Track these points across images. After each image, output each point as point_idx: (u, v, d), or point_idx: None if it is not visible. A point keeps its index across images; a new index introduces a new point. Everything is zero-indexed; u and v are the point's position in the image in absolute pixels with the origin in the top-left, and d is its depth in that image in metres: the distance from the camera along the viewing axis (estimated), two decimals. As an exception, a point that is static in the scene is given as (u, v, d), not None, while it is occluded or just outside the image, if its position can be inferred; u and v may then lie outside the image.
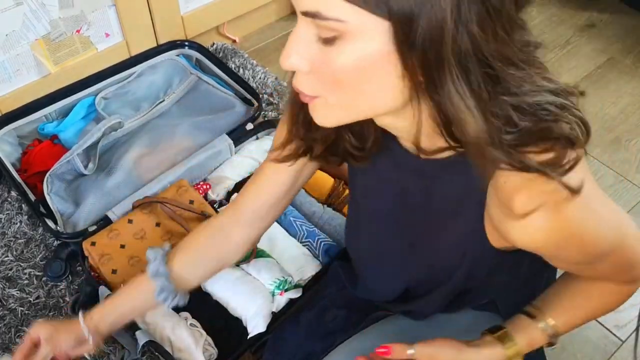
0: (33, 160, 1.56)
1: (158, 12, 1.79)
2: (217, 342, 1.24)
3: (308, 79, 0.58)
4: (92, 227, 1.41)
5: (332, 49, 0.54)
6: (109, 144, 1.60)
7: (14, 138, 1.62)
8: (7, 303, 1.38)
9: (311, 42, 0.55)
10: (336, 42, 0.54)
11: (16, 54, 1.60)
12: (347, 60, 0.54)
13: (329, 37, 0.53)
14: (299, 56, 0.57)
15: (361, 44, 0.53)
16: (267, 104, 1.84)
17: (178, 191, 1.44)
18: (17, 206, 1.55)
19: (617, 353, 1.36)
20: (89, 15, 1.66)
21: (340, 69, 0.55)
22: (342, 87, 0.57)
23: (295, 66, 0.58)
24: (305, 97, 0.61)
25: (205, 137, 1.59)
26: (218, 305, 1.29)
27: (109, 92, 1.69)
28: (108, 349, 1.31)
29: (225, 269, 0.99)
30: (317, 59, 0.56)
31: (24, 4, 1.53)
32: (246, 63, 1.95)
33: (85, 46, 1.71)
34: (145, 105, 1.70)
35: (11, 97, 1.64)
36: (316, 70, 0.57)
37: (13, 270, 1.43)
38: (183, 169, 1.51)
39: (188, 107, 1.71)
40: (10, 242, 1.48)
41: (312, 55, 0.56)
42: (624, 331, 1.39)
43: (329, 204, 1.46)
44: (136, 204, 1.43)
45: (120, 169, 1.51)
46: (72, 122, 1.64)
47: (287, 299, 1.26)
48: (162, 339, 1.21)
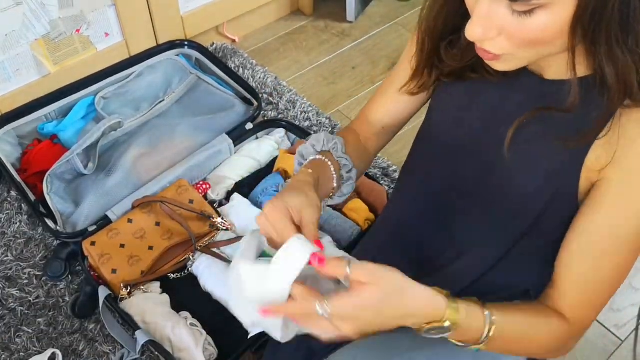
0: (33, 160, 1.56)
1: (158, 12, 1.79)
2: (217, 342, 1.24)
3: (496, 42, 0.67)
4: (92, 226, 1.41)
5: (529, 18, 0.62)
6: (109, 144, 1.60)
7: (14, 138, 1.62)
8: (7, 303, 1.38)
9: (504, 15, 0.63)
10: (535, 12, 0.61)
11: (16, 54, 1.60)
12: (544, 25, 0.62)
13: (527, 10, 0.61)
14: (487, 26, 0.65)
15: (558, 10, 0.61)
16: (267, 103, 1.84)
17: (178, 191, 1.44)
18: (17, 206, 1.55)
19: (617, 353, 1.36)
20: (88, 15, 1.66)
21: (537, 32, 0.63)
22: (534, 45, 0.66)
23: (484, 36, 0.66)
24: (489, 55, 0.69)
25: (205, 137, 1.59)
26: (218, 305, 1.29)
27: (109, 92, 1.69)
28: (108, 349, 1.31)
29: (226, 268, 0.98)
30: (511, 26, 0.64)
31: (23, 4, 1.53)
32: (246, 63, 1.95)
33: (84, 46, 1.71)
34: (144, 105, 1.70)
35: (11, 97, 1.64)
36: (509, 35, 0.65)
37: (13, 270, 1.43)
38: (183, 169, 1.51)
39: (188, 106, 1.71)
40: (10, 242, 1.48)
41: (504, 24, 0.64)
42: (624, 331, 1.39)
43: (328, 204, 1.46)
44: (136, 203, 1.43)
45: (120, 168, 1.51)
46: (71, 122, 1.64)
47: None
48: (162, 339, 1.21)
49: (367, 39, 2.12)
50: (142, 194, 1.46)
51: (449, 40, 0.79)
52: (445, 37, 0.79)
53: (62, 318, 1.36)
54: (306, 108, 1.82)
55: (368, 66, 2.02)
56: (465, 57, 0.78)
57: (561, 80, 0.73)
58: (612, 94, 0.66)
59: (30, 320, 1.35)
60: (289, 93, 1.87)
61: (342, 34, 2.13)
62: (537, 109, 0.73)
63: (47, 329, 1.34)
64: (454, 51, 0.80)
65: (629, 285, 1.47)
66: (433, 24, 0.77)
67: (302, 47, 2.09)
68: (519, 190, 0.79)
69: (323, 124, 1.78)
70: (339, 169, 0.87)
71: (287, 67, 2.02)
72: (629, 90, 0.65)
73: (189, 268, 1.34)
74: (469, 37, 0.67)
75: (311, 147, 0.88)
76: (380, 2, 2.26)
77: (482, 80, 0.80)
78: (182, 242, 1.36)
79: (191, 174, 1.52)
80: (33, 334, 1.33)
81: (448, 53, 0.80)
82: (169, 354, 1.17)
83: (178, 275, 1.34)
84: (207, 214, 1.39)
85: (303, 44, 2.10)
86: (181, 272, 1.34)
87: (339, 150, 0.88)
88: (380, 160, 1.69)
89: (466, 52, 0.79)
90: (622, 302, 1.44)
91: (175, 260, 1.35)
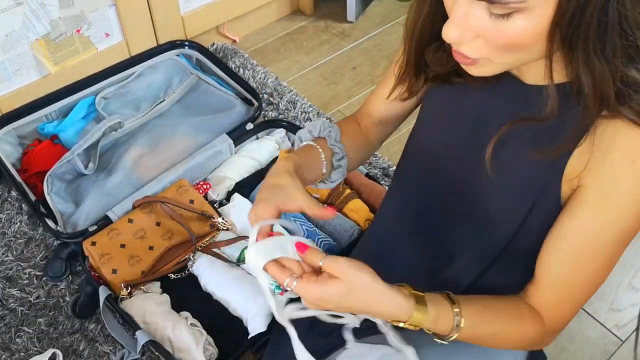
0: (33, 160, 1.56)
1: (158, 12, 1.79)
2: (218, 342, 1.24)
3: (473, 45, 0.66)
4: (92, 226, 1.41)
5: (507, 21, 0.61)
6: (109, 144, 1.60)
7: (14, 138, 1.62)
8: (7, 303, 1.38)
9: (481, 17, 0.63)
10: (512, 15, 0.61)
11: (16, 54, 1.60)
12: (522, 29, 0.61)
13: (505, 13, 0.61)
14: (464, 28, 0.65)
15: (535, 15, 0.60)
16: (267, 103, 1.84)
17: (178, 191, 1.45)
18: (17, 206, 1.55)
19: (617, 353, 1.36)
20: (89, 15, 1.66)
21: (515, 37, 0.62)
22: (511, 50, 0.65)
23: (460, 38, 0.65)
24: (467, 60, 0.69)
25: (205, 137, 1.59)
26: (218, 305, 1.29)
27: (109, 92, 1.69)
28: (108, 349, 1.31)
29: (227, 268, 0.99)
30: (488, 30, 0.63)
31: (24, 4, 1.53)
32: (246, 63, 1.95)
33: (85, 46, 1.71)
34: (145, 105, 1.70)
35: (11, 97, 1.64)
36: (486, 38, 0.64)
37: (13, 270, 1.43)
38: (183, 169, 1.51)
39: (188, 107, 1.71)
40: (11, 242, 1.48)
41: (481, 27, 0.64)
42: (624, 331, 1.39)
43: (329, 204, 1.46)
44: (136, 203, 1.43)
45: (120, 168, 1.51)
46: (72, 122, 1.64)
47: (287, 299, 1.26)
48: (162, 339, 1.21)
49: (367, 39, 2.12)
50: (142, 194, 1.46)
51: (434, 46, 0.79)
52: (431, 42, 0.79)
53: (63, 318, 1.36)
54: (306, 108, 1.82)
55: (368, 66, 2.02)
56: (450, 61, 0.78)
57: (541, 86, 0.73)
58: (588, 103, 0.66)
59: (30, 320, 1.36)
60: (289, 93, 1.87)
61: (342, 34, 2.14)
62: (515, 121, 0.73)
63: (48, 329, 1.34)
64: (439, 55, 0.80)
65: (629, 285, 1.47)
66: (419, 29, 0.77)
67: (303, 47, 2.09)
68: (502, 198, 0.80)
69: (323, 124, 1.78)
70: (331, 156, 0.90)
71: (288, 67, 2.02)
72: (605, 101, 0.65)
73: (190, 268, 1.34)
74: (445, 39, 0.67)
75: (308, 133, 0.91)
76: (381, 2, 2.26)
77: (467, 85, 0.80)
78: (183, 242, 1.36)
79: (191, 174, 1.52)
80: (33, 334, 1.33)
81: (433, 58, 0.81)
82: (169, 354, 1.17)
83: (178, 275, 1.34)
84: (208, 214, 1.39)
85: (303, 44, 2.10)
86: (181, 272, 1.34)
87: (332, 138, 0.90)
88: (380, 160, 1.69)
89: (451, 57, 0.78)
90: (622, 302, 1.44)
91: (176, 260, 1.35)
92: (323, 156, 0.88)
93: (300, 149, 0.89)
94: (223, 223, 1.39)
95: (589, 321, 1.41)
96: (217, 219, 1.39)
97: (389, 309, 0.72)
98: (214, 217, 1.39)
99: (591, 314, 1.42)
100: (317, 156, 0.88)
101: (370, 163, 1.68)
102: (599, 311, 1.40)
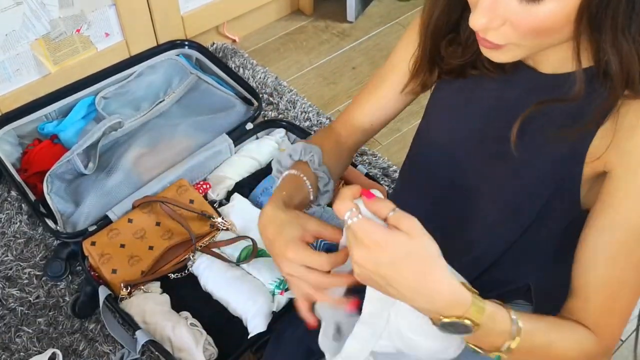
0: (33, 160, 1.56)
1: (158, 12, 1.79)
2: (217, 342, 1.24)
3: (500, 31, 0.66)
4: (92, 226, 1.41)
5: (537, 5, 0.62)
6: (109, 144, 1.60)
7: (14, 138, 1.62)
8: (7, 303, 1.38)
9: (510, 3, 0.63)
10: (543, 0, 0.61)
11: (16, 53, 1.60)
12: (552, 13, 0.62)
13: None
14: (492, 16, 0.64)
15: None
16: (267, 103, 1.84)
17: (178, 191, 1.45)
18: (17, 206, 1.55)
19: (617, 353, 1.36)
20: (88, 15, 1.66)
21: (545, 20, 0.63)
22: (540, 34, 0.65)
23: (488, 25, 0.65)
24: (491, 45, 0.68)
25: (205, 136, 1.59)
26: (218, 305, 1.29)
27: (109, 91, 1.69)
28: (108, 349, 1.31)
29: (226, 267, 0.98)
30: (517, 15, 0.63)
31: (24, 3, 1.53)
32: (246, 63, 1.95)
33: (85, 46, 1.71)
34: (145, 105, 1.70)
35: (11, 96, 1.64)
36: (515, 24, 0.64)
37: (13, 270, 1.43)
38: (183, 169, 1.51)
39: (188, 106, 1.71)
40: (10, 242, 1.48)
41: (509, 13, 0.64)
42: (624, 331, 1.39)
43: (329, 204, 1.46)
44: (136, 203, 1.43)
45: (120, 168, 1.51)
46: (72, 122, 1.64)
47: (287, 299, 1.26)
48: (162, 339, 1.21)
49: (367, 39, 2.12)
50: (142, 193, 1.46)
51: (449, 38, 0.79)
52: (446, 34, 0.79)
53: (62, 318, 1.36)
54: (306, 108, 1.82)
55: (368, 66, 2.02)
56: (466, 53, 0.79)
57: (557, 75, 0.73)
58: (614, 84, 0.66)
59: (30, 320, 1.35)
60: (289, 93, 1.87)
61: (342, 34, 2.14)
62: (541, 102, 0.73)
63: (47, 329, 1.34)
64: (453, 48, 0.80)
65: (629, 285, 1.47)
66: (434, 21, 0.77)
67: (302, 47, 2.09)
68: (522, 182, 0.78)
69: (323, 124, 1.78)
70: (316, 181, 0.88)
71: (287, 67, 2.02)
72: (630, 80, 0.65)
73: (189, 268, 1.34)
74: (473, 27, 0.66)
75: (288, 157, 0.89)
76: (380, 2, 2.26)
77: (480, 77, 0.80)
78: (182, 242, 1.36)
79: (191, 174, 1.52)
80: (33, 334, 1.33)
81: (448, 50, 0.80)
82: (169, 354, 1.17)
83: (178, 275, 1.34)
84: (208, 214, 1.39)
85: (303, 44, 2.10)
86: (181, 272, 1.34)
87: (315, 162, 0.88)
88: (380, 160, 1.69)
89: (466, 49, 0.79)
90: (622, 302, 1.44)
91: (176, 260, 1.35)
92: (308, 183, 0.86)
93: (284, 180, 0.86)
94: (223, 223, 1.39)
95: (589, 321, 1.41)
96: (217, 219, 1.39)
97: (446, 294, 0.62)
98: (213, 217, 1.39)
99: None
100: (301, 185, 0.85)
101: (370, 163, 1.68)
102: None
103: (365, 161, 1.67)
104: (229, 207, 1.45)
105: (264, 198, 1.46)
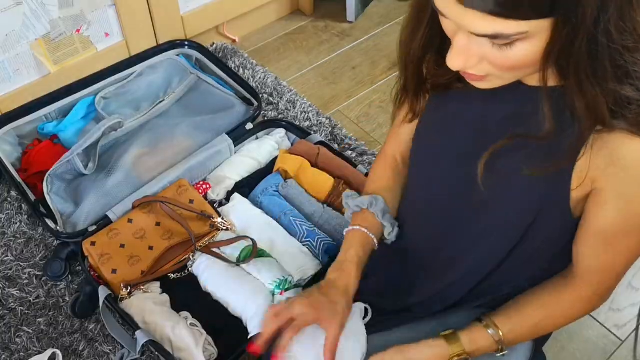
0: (33, 160, 1.56)
1: (158, 12, 1.79)
2: (217, 342, 1.24)
3: (479, 67, 0.69)
4: (92, 227, 1.41)
5: (510, 49, 0.64)
6: (109, 144, 1.60)
7: (14, 138, 1.62)
8: (7, 303, 1.38)
9: (484, 45, 0.65)
10: (514, 44, 0.63)
11: (16, 53, 1.60)
12: (524, 54, 0.64)
13: (507, 43, 0.63)
14: (467, 56, 0.67)
15: (535, 41, 0.62)
16: (267, 103, 1.84)
17: (178, 191, 1.45)
18: (17, 206, 1.55)
19: (617, 352, 1.36)
20: (88, 15, 1.66)
21: (519, 60, 0.65)
22: (516, 70, 0.68)
23: (465, 65, 0.68)
24: (475, 76, 0.71)
25: (205, 137, 1.59)
26: (218, 305, 1.29)
27: (109, 91, 1.69)
28: (108, 349, 1.31)
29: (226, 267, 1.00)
30: (492, 56, 0.66)
31: (23, 3, 1.53)
32: (246, 63, 1.95)
33: (85, 46, 1.71)
34: (145, 105, 1.70)
35: (11, 97, 1.64)
36: (492, 62, 0.67)
37: (13, 270, 1.43)
38: (183, 169, 1.51)
39: (188, 106, 1.71)
40: (10, 242, 1.48)
41: (484, 54, 0.66)
42: (624, 331, 1.39)
43: (329, 204, 1.46)
44: (136, 203, 1.43)
45: (120, 168, 1.51)
46: (72, 122, 1.64)
47: (287, 299, 1.26)
48: (162, 339, 1.21)
49: (367, 39, 2.12)
50: (142, 193, 1.46)
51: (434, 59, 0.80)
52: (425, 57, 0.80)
53: (62, 318, 1.36)
54: (306, 108, 1.82)
55: (368, 66, 2.02)
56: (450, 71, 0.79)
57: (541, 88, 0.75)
58: (582, 124, 0.68)
59: (30, 320, 1.36)
60: (289, 93, 1.87)
61: (342, 34, 2.14)
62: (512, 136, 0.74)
63: (47, 329, 1.34)
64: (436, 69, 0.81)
65: (628, 285, 1.47)
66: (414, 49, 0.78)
67: (302, 47, 2.09)
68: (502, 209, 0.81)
69: (323, 124, 1.78)
70: (381, 230, 0.96)
71: (287, 67, 2.02)
72: (600, 120, 0.67)
73: (189, 268, 1.34)
74: (451, 67, 0.68)
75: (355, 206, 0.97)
76: (380, 2, 2.26)
77: (467, 91, 0.80)
78: (182, 242, 1.36)
79: (191, 174, 1.52)
80: (33, 334, 1.33)
81: (432, 71, 0.82)
82: (169, 354, 1.17)
83: (178, 275, 1.34)
84: (207, 214, 1.39)
85: (303, 44, 2.10)
86: (181, 272, 1.34)
87: (379, 216, 0.95)
88: (380, 160, 1.69)
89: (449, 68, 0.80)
90: (622, 302, 1.44)
91: (176, 260, 1.35)
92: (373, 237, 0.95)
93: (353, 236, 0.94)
94: (223, 223, 1.39)
95: (589, 321, 1.41)
96: (217, 219, 1.39)
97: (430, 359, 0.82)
98: (213, 217, 1.39)
99: (591, 313, 1.42)
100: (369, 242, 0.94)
101: (370, 163, 1.68)
102: (599, 311, 1.40)
103: (365, 161, 1.67)
104: (229, 207, 1.45)
105: (264, 198, 1.46)
